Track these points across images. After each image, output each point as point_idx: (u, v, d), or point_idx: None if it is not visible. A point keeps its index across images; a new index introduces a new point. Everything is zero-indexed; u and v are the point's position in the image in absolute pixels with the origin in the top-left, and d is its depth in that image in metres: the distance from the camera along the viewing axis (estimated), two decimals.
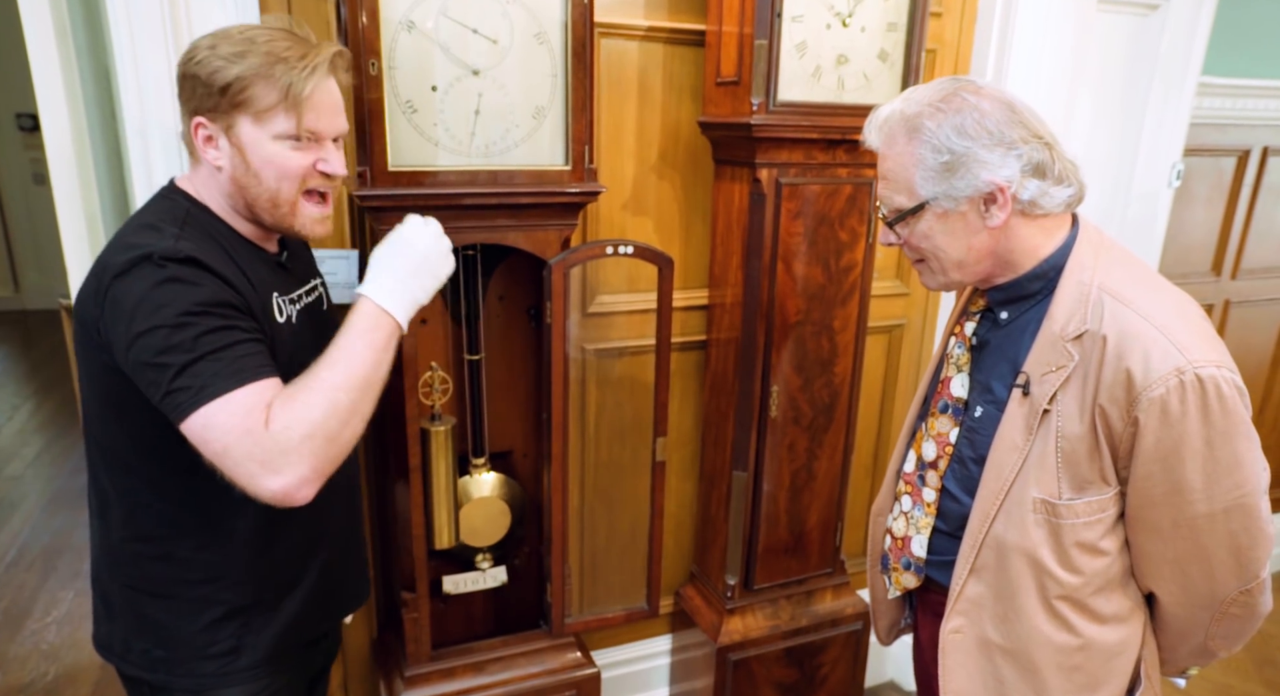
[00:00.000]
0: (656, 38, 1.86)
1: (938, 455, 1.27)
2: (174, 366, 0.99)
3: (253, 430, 0.99)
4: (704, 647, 2.11)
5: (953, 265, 1.17)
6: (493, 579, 1.90)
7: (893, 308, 2.31)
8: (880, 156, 1.17)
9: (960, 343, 1.28)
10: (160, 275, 1.01)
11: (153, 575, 1.18)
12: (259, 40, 1.10)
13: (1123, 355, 1.04)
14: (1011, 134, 1.08)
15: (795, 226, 1.83)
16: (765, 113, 1.70)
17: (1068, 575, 1.13)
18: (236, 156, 1.12)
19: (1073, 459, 1.10)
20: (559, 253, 1.63)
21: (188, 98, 1.11)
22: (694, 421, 2.18)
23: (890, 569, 1.36)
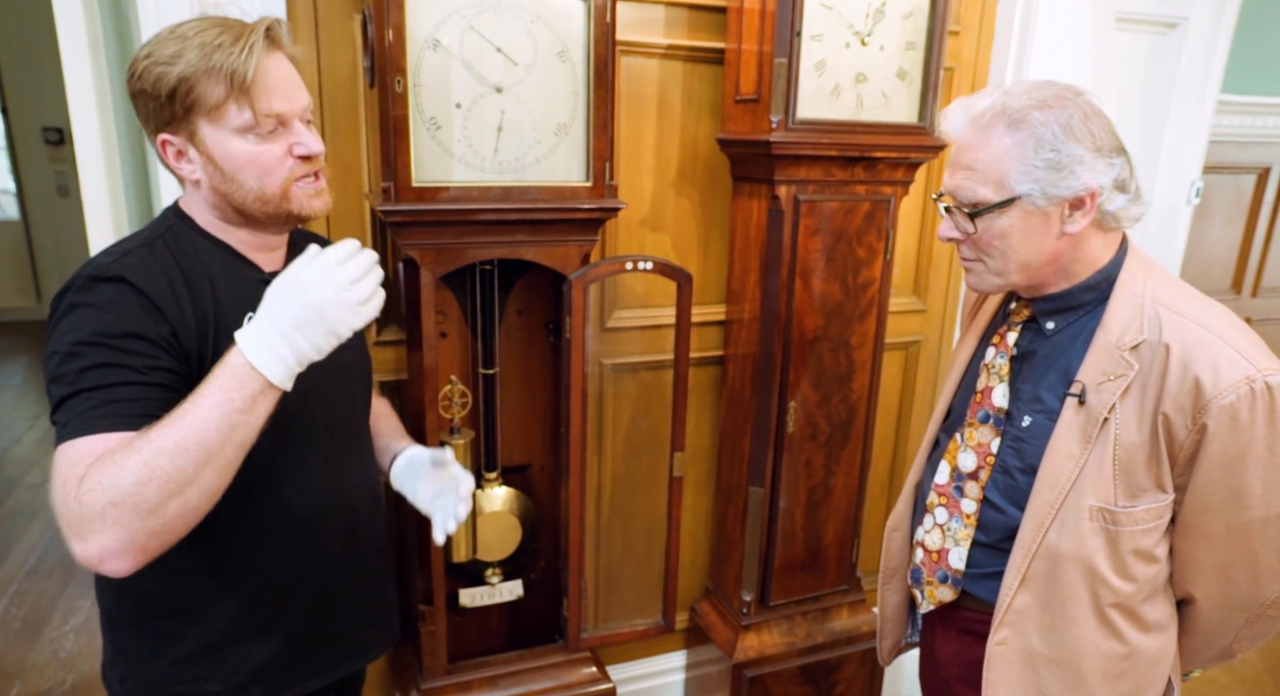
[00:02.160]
0: (676, 56, 1.88)
1: (978, 466, 1.26)
2: (54, 397, 0.96)
3: (67, 483, 0.89)
4: (719, 664, 2.10)
5: (1017, 266, 1.15)
6: (509, 592, 1.90)
7: (909, 324, 2.31)
8: (965, 146, 1.14)
9: (1001, 352, 1.27)
10: (77, 298, 0.98)
11: (122, 603, 1.14)
12: (190, 35, 1.02)
13: (1189, 364, 1.06)
14: (1109, 142, 1.09)
15: (813, 243, 1.84)
16: (784, 130, 1.71)
17: (1122, 583, 1.14)
18: (209, 165, 1.05)
19: (1129, 467, 1.10)
20: (578, 268, 1.65)
21: (146, 117, 1.05)
22: (710, 436, 2.18)
23: (924, 582, 1.34)
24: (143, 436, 0.90)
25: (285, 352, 0.95)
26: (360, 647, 1.32)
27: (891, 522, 1.45)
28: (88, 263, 1.03)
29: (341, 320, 0.98)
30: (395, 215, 1.47)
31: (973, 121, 1.13)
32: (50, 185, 6.21)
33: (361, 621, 1.31)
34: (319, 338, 0.97)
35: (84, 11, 1.61)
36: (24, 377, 5.38)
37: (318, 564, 1.21)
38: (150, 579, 1.04)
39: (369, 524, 1.31)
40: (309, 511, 1.18)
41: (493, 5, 1.46)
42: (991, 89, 1.15)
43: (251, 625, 1.15)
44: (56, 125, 5.96)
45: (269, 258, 1.16)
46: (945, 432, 1.35)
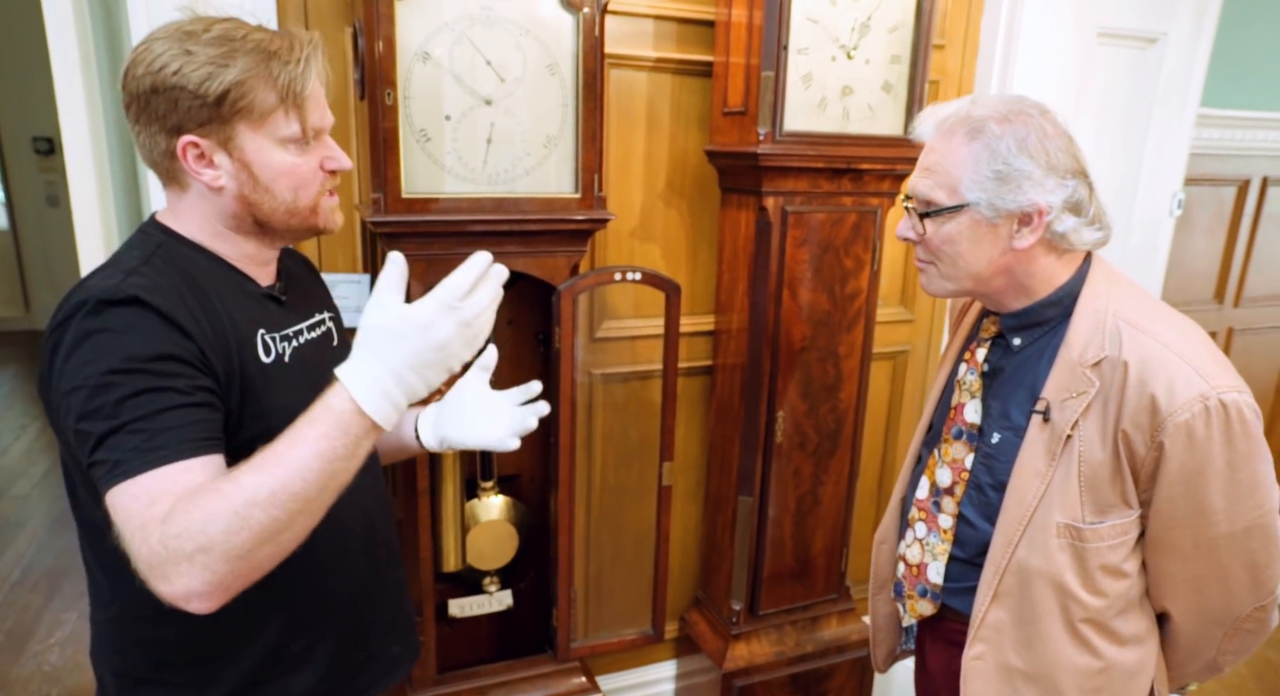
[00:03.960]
0: (665, 68, 1.90)
1: (953, 481, 1.27)
2: (94, 435, 0.86)
3: (147, 526, 0.83)
4: (709, 673, 2.10)
5: (968, 274, 1.17)
6: (498, 602, 1.90)
7: (897, 334, 2.32)
8: (929, 149, 1.17)
9: (972, 369, 1.28)
10: (90, 325, 0.88)
11: (135, 662, 1.06)
12: (235, 36, 0.97)
13: (1146, 381, 1.06)
14: (1065, 163, 1.10)
15: (801, 254, 1.86)
16: (771, 142, 1.73)
17: (1092, 598, 1.14)
18: (242, 172, 1.00)
19: (1095, 483, 1.11)
20: (568, 279, 1.66)
21: (165, 114, 0.96)
22: (700, 446, 2.19)
23: (905, 596, 1.35)
24: (232, 481, 0.84)
25: (398, 396, 0.89)
26: (391, 666, 1.27)
27: (879, 535, 1.46)
28: (83, 286, 0.93)
29: (458, 356, 0.93)
30: (386, 226, 1.48)
31: (938, 126, 1.15)
32: (40, 195, 6.20)
33: (388, 638, 1.26)
34: (434, 376, 0.92)
35: (74, 21, 1.62)
36: (11, 388, 5.34)
37: (347, 583, 1.16)
38: (174, 628, 1.00)
39: (384, 534, 1.26)
40: (334, 530, 1.05)
41: (483, 19, 1.48)
42: (964, 98, 1.17)
43: (289, 657, 1.10)
44: (46, 135, 5.95)
45: (264, 271, 1.12)
46: (927, 447, 1.36)
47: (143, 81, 0.96)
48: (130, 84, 0.97)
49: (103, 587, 1.05)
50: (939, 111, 1.16)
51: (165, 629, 1.02)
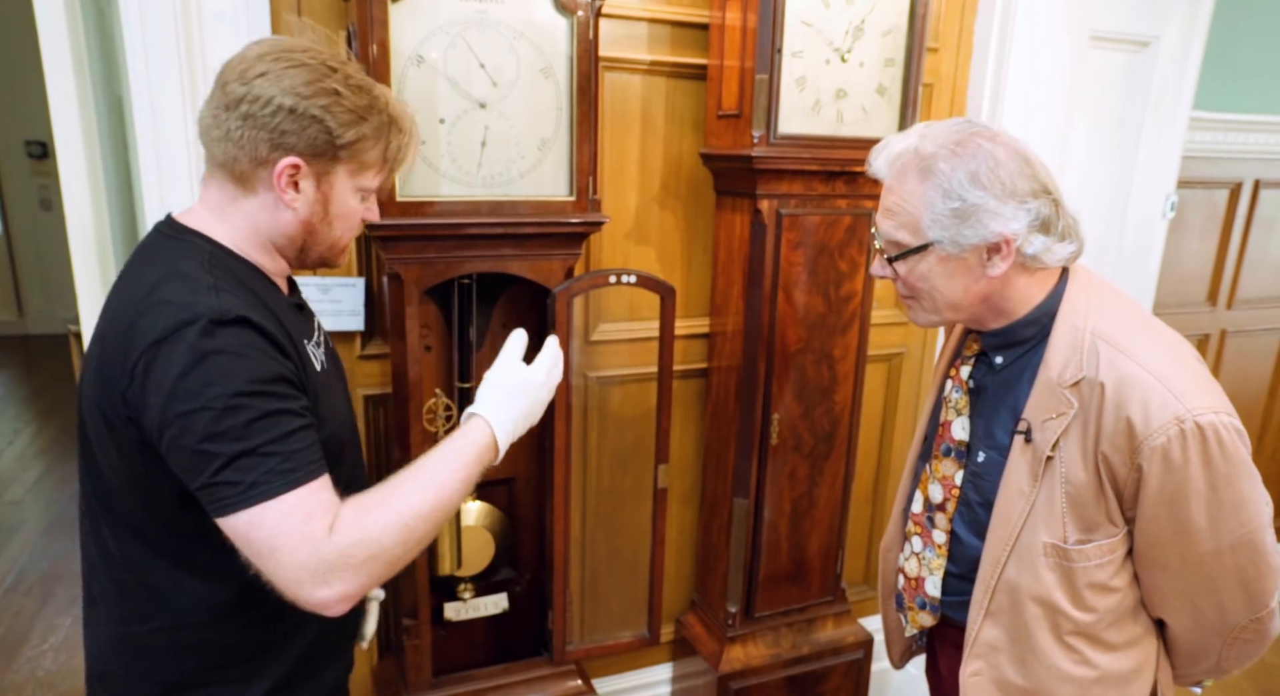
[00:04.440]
0: (659, 71, 1.91)
1: (945, 497, 1.28)
2: (221, 456, 0.89)
3: (311, 537, 0.90)
4: (705, 676, 2.10)
5: (947, 306, 1.17)
6: (494, 606, 1.90)
7: (892, 336, 2.33)
8: (886, 188, 1.17)
9: (958, 387, 1.28)
10: (207, 345, 0.90)
11: (188, 666, 1.07)
12: (376, 94, 1.06)
13: (1122, 404, 1.05)
14: (1023, 186, 1.08)
15: (795, 256, 1.86)
16: (766, 145, 1.74)
17: (1081, 614, 1.15)
18: (319, 204, 1.05)
19: (1079, 503, 1.11)
20: (562, 282, 1.66)
21: (286, 132, 0.99)
22: (695, 448, 2.19)
23: (906, 608, 1.36)
24: (397, 497, 0.98)
25: (513, 437, 1.16)
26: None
27: (884, 543, 1.47)
28: (161, 301, 0.94)
29: (542, 412, 1.25)
30: (381, 230, 1.48)
31: (890, 164, 1.15)
32: (33, 199, 6.19)
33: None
34: (532, 422, 1.22)
35: (67, 24, 1.62)
36: (4, 393, 5.33)
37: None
38: (230, 629, 1.06)
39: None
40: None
41: (477, 22, 1.48)
42: (914, 129, 1.15)
43: (327, 647, 1.17)
44: (39, 139, 5.94)
45: (282, 283, 1.15)
46: (922, 459, 1.36)
47: (280, 97, 0.98)
48: (258, 88, 0.98)
49: (145, 599, 1.05)
50: (890, 148, 1.15)
51: (221, 631, 1.06)
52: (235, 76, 1.00)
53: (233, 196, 1.04)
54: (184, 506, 0.98)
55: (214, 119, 1.01)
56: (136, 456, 0.97)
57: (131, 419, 0.94)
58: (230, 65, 1.02)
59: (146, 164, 1.54)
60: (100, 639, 1.10)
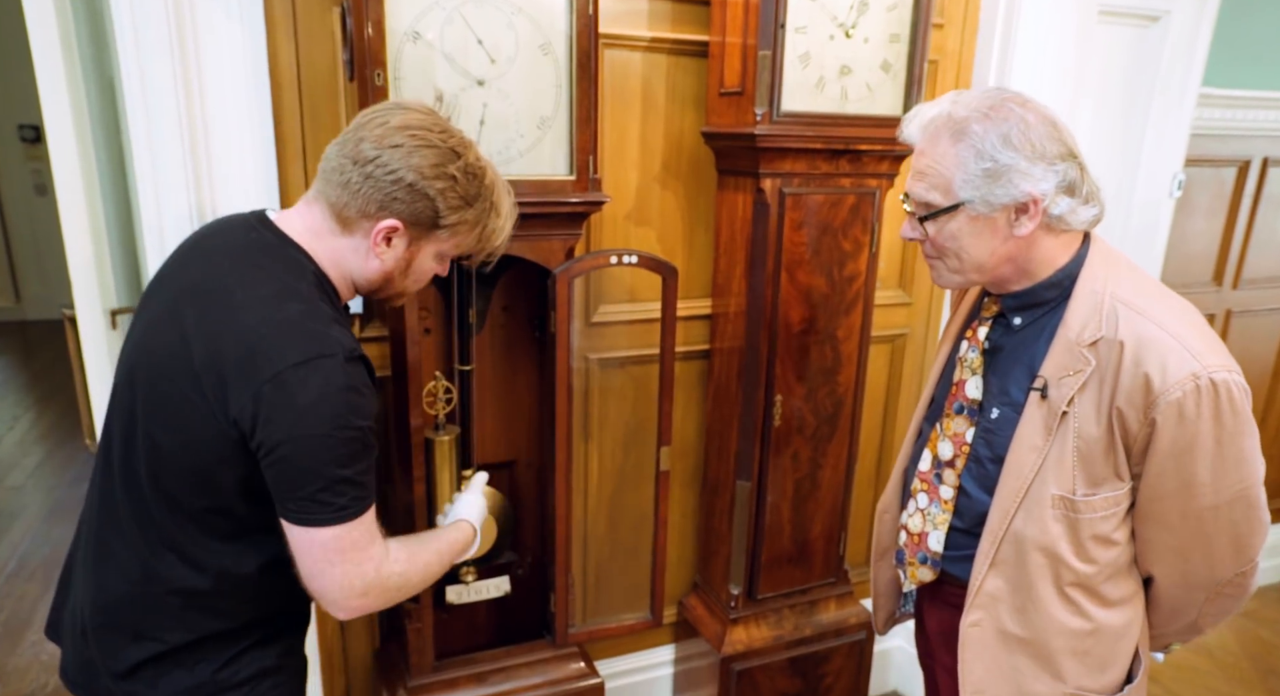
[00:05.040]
0: (660, 48, 1.87)
1: (954, 454, 1.31)
2: (328, 478, 1.02)
3: (375, 558, 1.10)
4: (708, 657, 2.10)
5: (972, 266, 1.21)
6: (495, 589, 1.89)
7: (895, 317, 2.31)
8: (918, 152, 1.20)
9: (973, 346, 1.31)
10: (341, 380, 1.02)
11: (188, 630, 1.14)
12: (487, 182, 1.16)
13: (1140, 361, 1.10)
14: (1052, 149, 1.12)
15: (799, 236, 1.84)
16: (769, 123, 1.71)
17: (1083, 565, 1.20)
18: (403, 263, 1.15)
19: (1088, 458, 1.15)
20: (563, 262, 1.64)
21: (398, 200, 1.09)
22: (697, 430, 2.18)
23: (906, 563, 1.40)
24: (424, 550, 1.22)
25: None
26: None
27: (882, 505, 1.51)
28: (312, 333, 1.03)
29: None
30: None
31: (923, 129, 1.19)
32: (28, 184, 6.14)
33: None
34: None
35: (54, 5, 1.58)
36: (3, 379, 5.31)
37: None
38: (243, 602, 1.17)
39: None
40: None
41: None
42: (945, 97, 1.20)
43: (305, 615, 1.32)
44: (33, 123, 5.88)
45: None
46: (928, 421, 1.40)
47: (404, 172, 1.08)
48: (387, 156, 1.08)
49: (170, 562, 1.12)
50: (923, 114, 1.19)
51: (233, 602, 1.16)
52: (373, 139, 1.09)
53: (332, 230, 1.13)
54: (242, 493, 1.08)
55: (339, 164, 1.11)
56: (219, 444, 1.04)
57: (230, 420, 1.02)
58: (371, 124, 1.11)
59: (139, 147, 1.51)
60: (108, 593, 1.14)
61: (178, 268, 1.15)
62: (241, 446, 1.04)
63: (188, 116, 1.51)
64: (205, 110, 1.52)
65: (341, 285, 1.17)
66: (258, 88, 1.55)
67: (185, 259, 1.15)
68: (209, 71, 1.51)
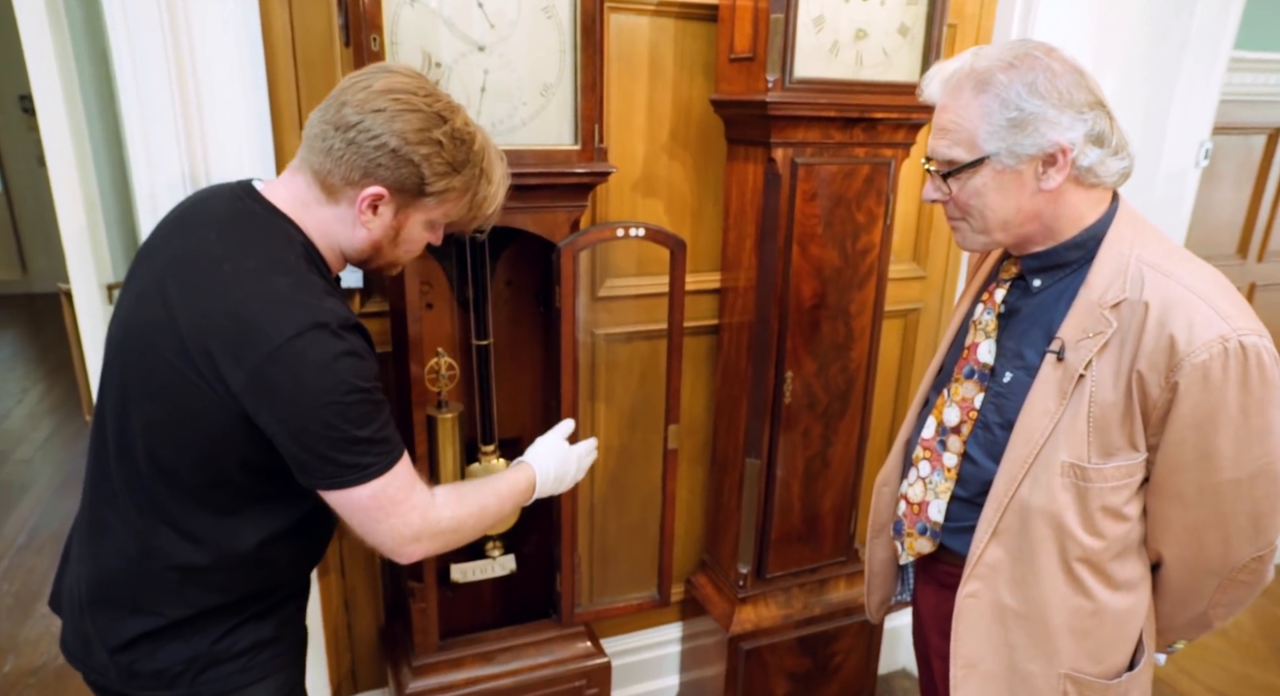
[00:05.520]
0: (668, 12, 1.80)
1: (961, 420, 1.26)
2: (347, 440, 1.02)
3: (421, 506, 1.11)
4: (715, 636, 2.08)
5: (997, 225, 1.15)
6: (501, 567, 1.87)
7: (909, 291, 2.25)
8: (940, 108, 1.15)
9: (989, 309, 1.26)
10: (339, 347, 1.01)
11: (185, 605, 1.13)
12: (476, 148, 1.12)
13: (1166, 322, 1.05)
14: (1080, 97, 1.07)
15: (811, 208, 1.78)
16: (781, 90, 1.64)
17: (1090, 539, 1.14)
18: (391, 231, 1.12)
19: (1103, 424, 1.10)
20: (568, 235, 1.59)
21: (382, 166, 1.05)
22: (706, 407, 2.14)
23: (905, 534, 1.36)
24: (477, 493, 1.23)
25: (541, 494, 1.39)
26: None
27: (880, 478, 1.46)
28: (303, 304, 1.01)
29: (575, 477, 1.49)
30: None
31: (944, 83, 1.14)
32: (30, 155, 6.08)
33: None
34: (554, 490, 1.43)
35: None
36: (12, 352, 5.31)
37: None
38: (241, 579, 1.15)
39: None
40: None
41: None
42: (966, 52, 1.15)
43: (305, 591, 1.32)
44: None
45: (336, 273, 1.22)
46: (935, 390, 1.35)
47: (388, 136, 1.04)
48: (370, 121, 1.04)
49: (166, 538, 1.10)
50: (943, 69, 1.15)
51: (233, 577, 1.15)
52: (355, 104, 1.05)
53: (318, 199, 1.10)
54: (244, 467, 1.07)
55: (322, 130, 1.07)
56: (219, 419, 1.02)
57: (237, 394, 1.00)
58: (353, 88, 1.07)
59: (130, 116, 1.46)
60: (105, 568, 1.13)
61: (163, 239, 1.11)
62: (243, 420, 1.02)
63: (179, 84, 1.46)
64: (197, 77, 1.47)
65: (331, 256, 1.14)
66: (251, 54, 1.49)
67: (171, 230, 1.11)
68: (200, 37, 1.45)
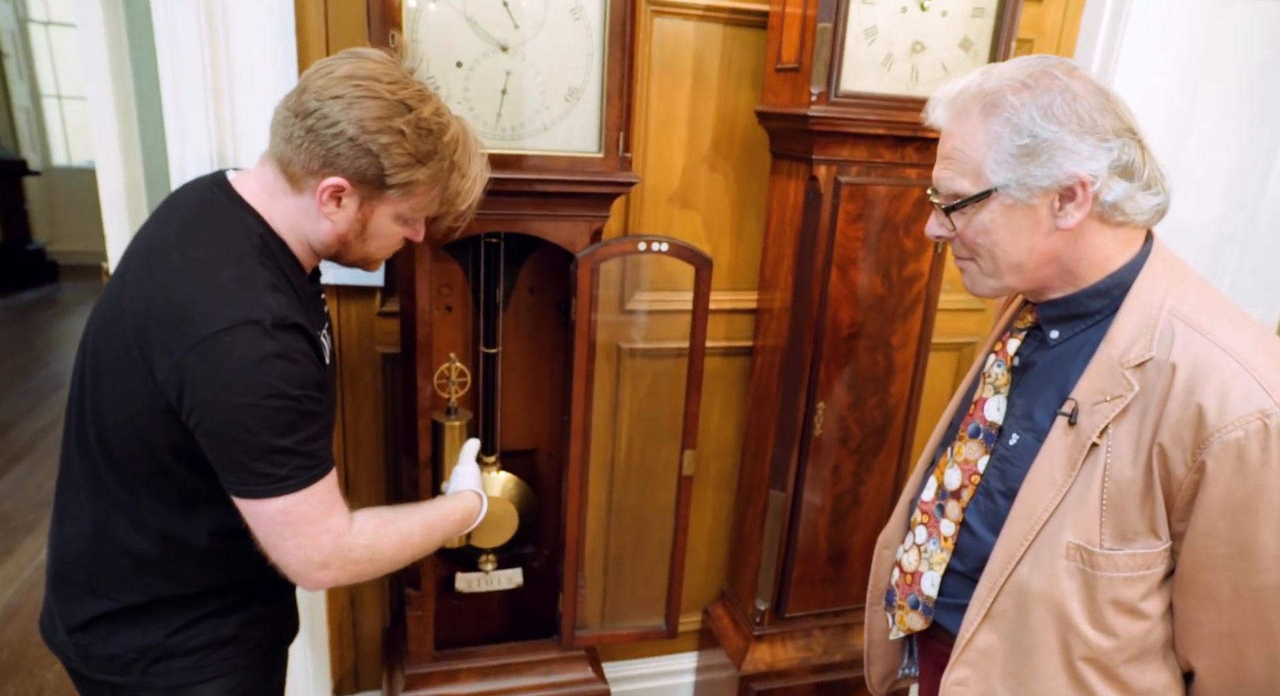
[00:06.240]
0: (715, 18, 1.72)
1: (962, 484, 1.12)
2: (261, 448, 0.98)
3: (334, 530, 1.05)
4: (727, 671, 1.98)
5: (1009, 267, 1.01)
6: (507, 580, 1.82)
7: (964, 323, 2.10)
8: (945, 134, 1.03)
9: (1000, 361, 1.12)
10: (269, 346, 0.96)
11: (138, 591, 1.12)
12: (446, 140, 1.07)
13: (1194, 388, 0.90)
14: (1104, 123, 0.93)
15: (854, 230, 1.67)
16: (825, 103, 1.54)
17: (1097, 636, 0.98)
18: (357, 223, 1.08)
19: (1119, 504, 0.95)
20: (588, 246, 1.53)
21: (341, 155, 1.01)
22: (736, 431, 2.04)
23: (896, 606, 1.22)
24: (404, 521, 1.16)
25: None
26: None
27: (882, 539, 1.31)
28: (239, 299, 0.97)
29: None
30: None
31: (950, 105, 1.01)
32: None
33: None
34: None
35: None
36: None
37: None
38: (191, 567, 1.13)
39: None
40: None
41: None
42: (976, 70, 1.01)
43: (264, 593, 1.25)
44: None
45: (309, 270, 1.17)
46: (943, 446, 1.21)
47: (345, 125, 1.00)
48: (328, 108, 1.00)
49: (116, 523, 1.10)
50: (949, 90, 1.02)
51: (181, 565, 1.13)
52: (315, 90, 1.02)
53: (283, 189, 1.07)
54: (178, 458, 1.04)
55: (284, 117, 1.04)
56: (149, 408, 1.01)
57: (161, 385, 0.98)
58: (316, 74, 1.04)
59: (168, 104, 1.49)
60: (67, 548, 1.13)
61: (141, 230, 1.11)
62: (171, 414, 1.00)
63: (212, 68, 1.47)
64: (232, 66, 1.48)
65: (300, 249, 1.10)
66: (284, 41, 1.50)
67: (148, 222, 1.12)
68: (236, 26, 1.46)
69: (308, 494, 1.01)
